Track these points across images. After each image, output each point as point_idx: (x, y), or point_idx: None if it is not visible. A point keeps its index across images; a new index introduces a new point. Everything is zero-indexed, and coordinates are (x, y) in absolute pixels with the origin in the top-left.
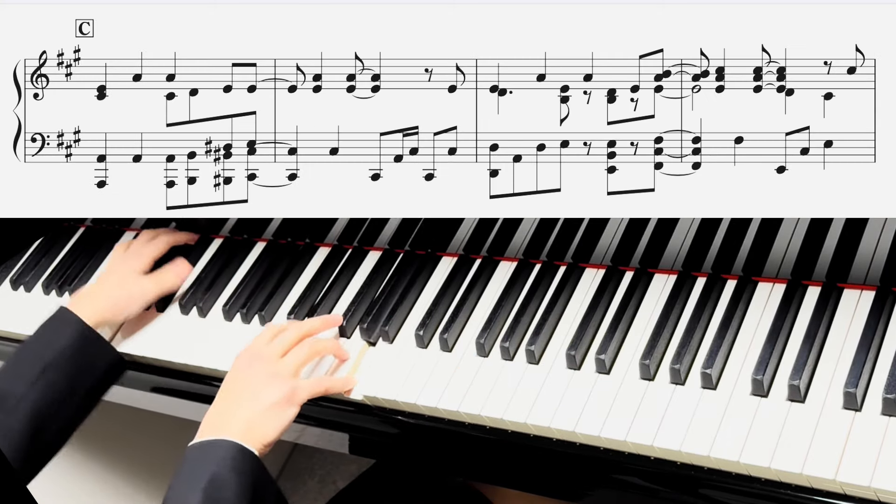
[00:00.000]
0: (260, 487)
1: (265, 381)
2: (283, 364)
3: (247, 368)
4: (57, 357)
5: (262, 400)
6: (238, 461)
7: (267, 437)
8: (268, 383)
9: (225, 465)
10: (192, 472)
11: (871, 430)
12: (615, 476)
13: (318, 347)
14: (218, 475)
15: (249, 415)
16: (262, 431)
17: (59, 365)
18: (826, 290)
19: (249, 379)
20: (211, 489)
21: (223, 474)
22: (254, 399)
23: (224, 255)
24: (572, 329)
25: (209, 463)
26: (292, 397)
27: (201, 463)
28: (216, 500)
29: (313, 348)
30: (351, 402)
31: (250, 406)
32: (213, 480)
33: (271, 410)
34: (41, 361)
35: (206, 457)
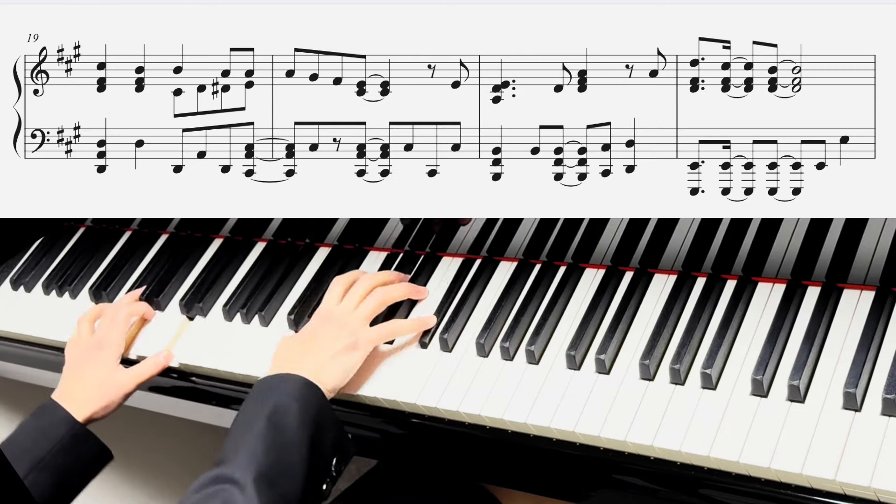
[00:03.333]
0: (322, 421)
1: (333, 333)
2: (352, 317)
3: (318, 326)
4: (46, 456)
5: (328, 349)
6: (303, 394)
7: (332, 381)
8: (335, 335)
9: (290, 395)
10: (261, 399)
11: (871, 431)
12: (615, 476)
13: (388, 296)
14: (282, 403)
15: (316, 361)
16: (328, 376)
17: (48, 464)
18: (826, 290)
19: (319, 332)
20: (274, 415)
21: (287, 403)
22: (322, 349)
23: (224, 255)
24: (572, 329)
25: (276, 393)
26: (356, 344)
27: (269, 392)
28: (279, 425)
29: (384, 297)
30: (350, 401)
31: (318, 354)
32: (277, 407)
33: (336, 357)
34: (29, 459)
35: (272, 388)
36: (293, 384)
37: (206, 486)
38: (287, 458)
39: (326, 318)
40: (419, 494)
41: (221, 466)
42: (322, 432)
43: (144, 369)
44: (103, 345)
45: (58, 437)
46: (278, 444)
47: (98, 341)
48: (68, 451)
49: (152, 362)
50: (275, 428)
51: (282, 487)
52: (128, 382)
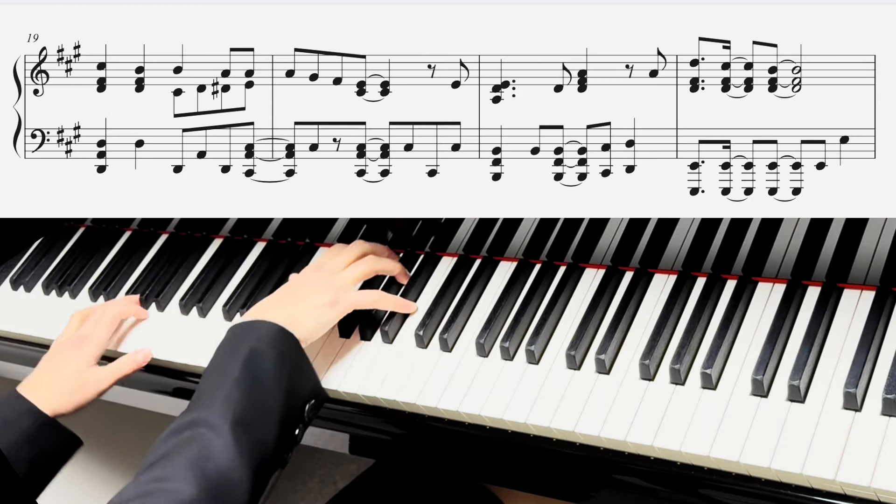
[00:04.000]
0: (297, 368)
1: (316, 286)
2: (340, 276)
3: (305, 277)
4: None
5: (307, 301)
6: (278, 340)
7: (304, 331)
8: (317, 288)
9: (265, 341)
10: (234, 344)
11: (871, 431)
12: (615, 476)
13: (378, 266)
14: (258, 349)
15: (292, 311)
16: (301, 326)
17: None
18: (826, 290)
19: (302, 285)
20: (250, 360)
21: (263, 348)
22: (300, 300)
23: (224, 255)
24: (572, 329)
25: (250, 338)
26: (336, 301)
27: (243, 338)
28: (255, 371)
29: (374, 265)
30: (349, 401)
31: (294, 304)
32: (253, 352)
33: (313, 310)
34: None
35: (248, 332)
36: (268, 329)
37: (182, 430)
38: (263, 403)
39: (316, 269)
40: (418, 494)
41: (197, 411)
42: (296, 378)
43: (122, 366)
44: (83, 341)
45: (22, 429)
46: (254, 389)
47: (79, 337)
48: (34, 441)
49: (130, 359)
50: (251, 373)
51: (258, 433)
52: (104, 379)
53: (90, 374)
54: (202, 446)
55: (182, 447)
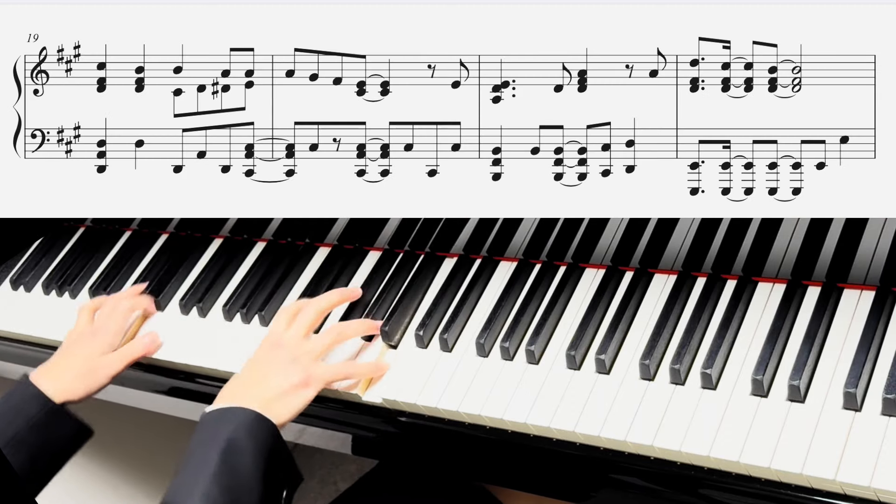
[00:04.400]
0: (275, 456)
1: (283, 367)
2: (303, 349)
3: (267, 354)
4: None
5: (277, 386)
6: (255, 428)
7: (281, 417)
8: (285, 369)
9: (242, 429)
10: (211, 434)
11: (871, 430)
12: (615, 476)
13: (346, 332)
14: (235, 439)
15: (264, 395)
16: (277, 412)
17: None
18: (826, 290)
19: (268, 365)
20: (228, 452)
21: (240, 439)
22: (270, 385)
23: (224, 255)
24: (572, 329)
25: (227, 427)
26: (308, 381)
27: (219, 426)
28: (233, 463)
29: (340, 333)
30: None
31: (265, 389)
32: (231, 443)
33: (286, 395)
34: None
35: (224, 420)
36: (244, 417)
37: None
38: (242, 497)
39: (275, 345)
40: (419, 495)
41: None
42: (275, 469)
43: (132, 349)
44: (99, 332)
45: (30, 415)
46: (234, 483)
47: (95, 329)
48: (42, 428)
49: (140, 343)
50: (229, 467)
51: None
52: (115, 363)
53: (102, 360)
54: None
55: None
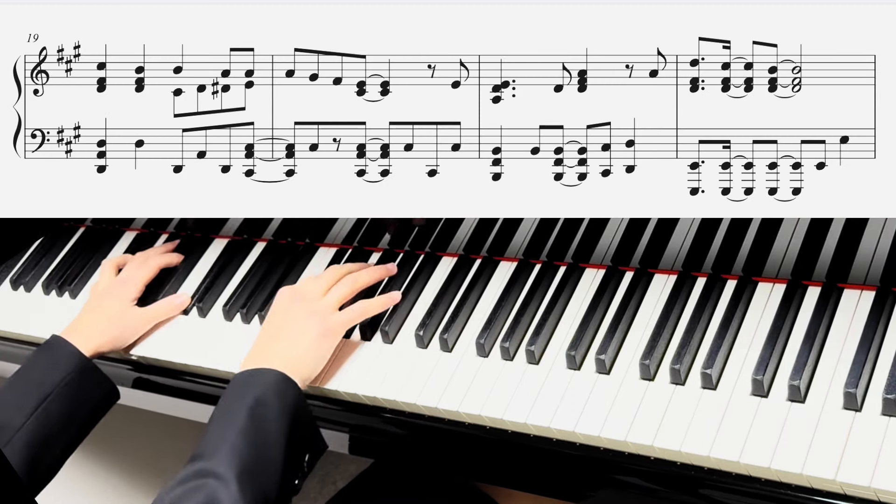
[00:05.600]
0: (299, 415)
1: (303, 319)
2: (322, 303)
3: (288, 307)
4: (55, 389)
5: (300, 338)
6: (281, 388)
7: (307, 372)
8: (305, 321)
9: (269, 389)
10: (240, 393)
11: (871, 431)
12: (615, 476)
13: (358, 284)
14: (262, 397)
15: (290, 352)
16: (302, 367)
17: (57, 397)
18: (826, 290)
19: (290, 318)
20: (255, 409)
21: (267, 397)
22: (293, 338)
23: (224, 255)
24: (572, 329)
25: (255, 386)
26: (328, 331)
27: (248, 386)
28: (259, 419)
29: (353, 284)
30: (349, 401)
31: (290, 343)
32: (258, 401)
33: (310, 347)
34: (39, 393)
35: (252, 381)
36: (271, 378)
37: (189, 479)
38: (267, 453)
39: (296, 298)
40: (416, 495)
41: (203, 461)
42: (298, 428)
43: (160, 309)
44: (128, 282)
45: (68, 370)
46: (259, 439)
47: (123, 279)
48: (76, 384)
49: (168, 303)
50: (256, 423)
51: (262, 482)
52: (142, 322)
53: (129, 314)
54: (209, 497)
55: (188, 497)
